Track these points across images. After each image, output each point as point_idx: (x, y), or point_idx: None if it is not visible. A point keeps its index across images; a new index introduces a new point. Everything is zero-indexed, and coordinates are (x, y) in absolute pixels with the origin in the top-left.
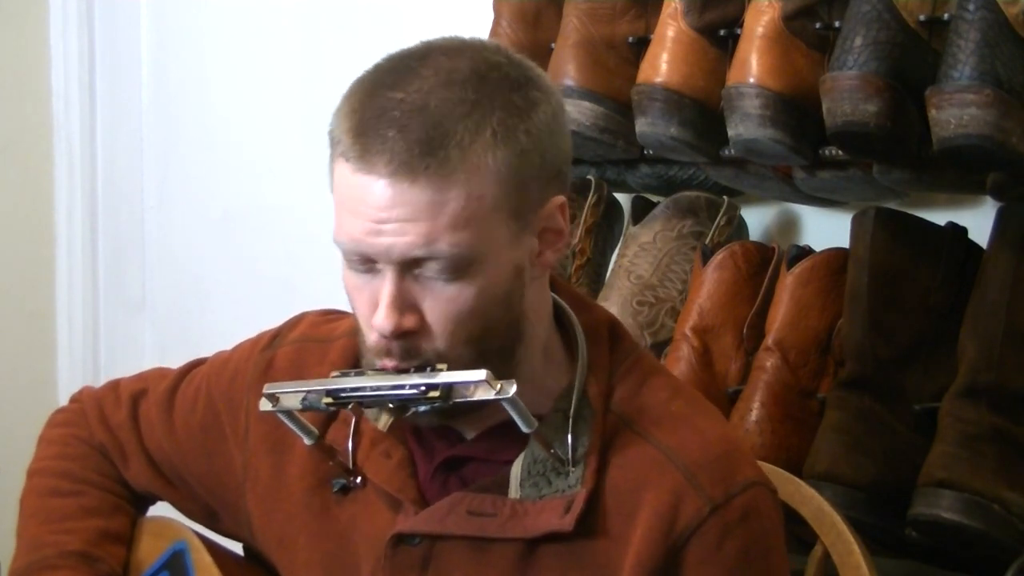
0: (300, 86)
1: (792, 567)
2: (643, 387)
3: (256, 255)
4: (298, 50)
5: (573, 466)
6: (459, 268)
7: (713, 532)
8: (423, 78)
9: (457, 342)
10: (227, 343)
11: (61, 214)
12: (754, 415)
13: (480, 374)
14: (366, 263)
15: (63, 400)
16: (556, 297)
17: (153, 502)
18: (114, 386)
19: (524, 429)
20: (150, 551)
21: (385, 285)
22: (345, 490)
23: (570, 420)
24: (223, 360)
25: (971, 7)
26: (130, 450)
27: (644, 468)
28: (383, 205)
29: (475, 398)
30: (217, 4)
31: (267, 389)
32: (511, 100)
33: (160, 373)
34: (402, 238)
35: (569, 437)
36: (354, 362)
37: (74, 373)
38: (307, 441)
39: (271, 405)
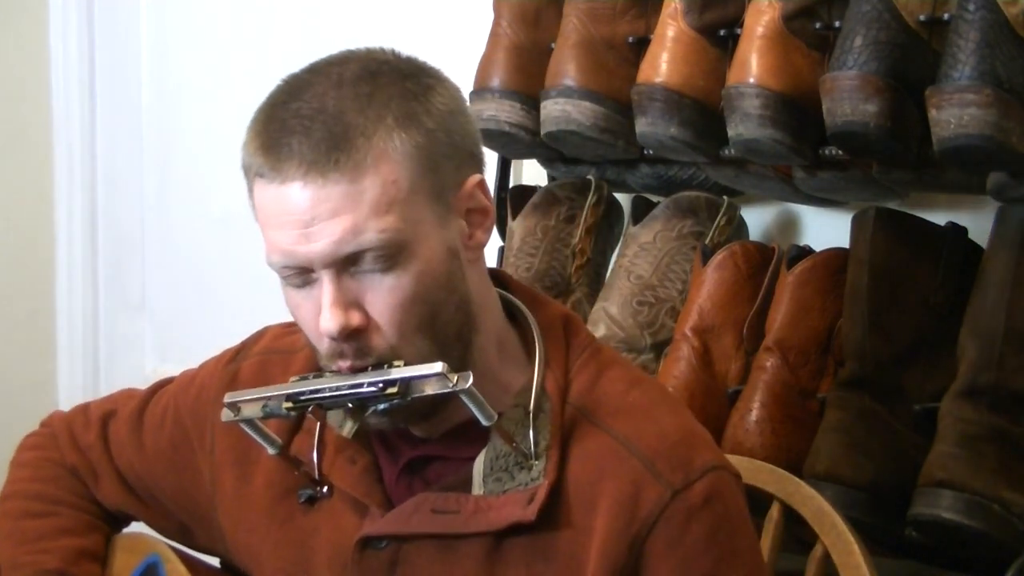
0: None
1: (792, 567)
2: (600, 379)
3: (256, 255)
4: (298, 49)
5: (536, 460)
6: (392, 255)
7: (677, 518)
8: (315, 85)
9: (407, 331)
10: (227, 343)
11: (61, 214)
12: (754, 415)
13: (436, 367)
14: (302, 275)
15: (63, 400)
16: (508, 295)
17: (127, 523)
18: (83, 409)
19: (484, 422)
20: (124, 567)
21: (324, 287)
22: (312, 500)
23: (531, 415)
24: (189, 377)
25: (971, 7)
26: (101, 470)
27: (603, 458)
28: (304, 208)
29: (433, 392)
30: (216, 4)
31: (228, 398)
32: (405, 87)
33: (128, 394)
34: (330, 236)
35: (531, 432)
36: (316, 371)
37: (74, 373)
38: (271, 451)
39: (233, 415)
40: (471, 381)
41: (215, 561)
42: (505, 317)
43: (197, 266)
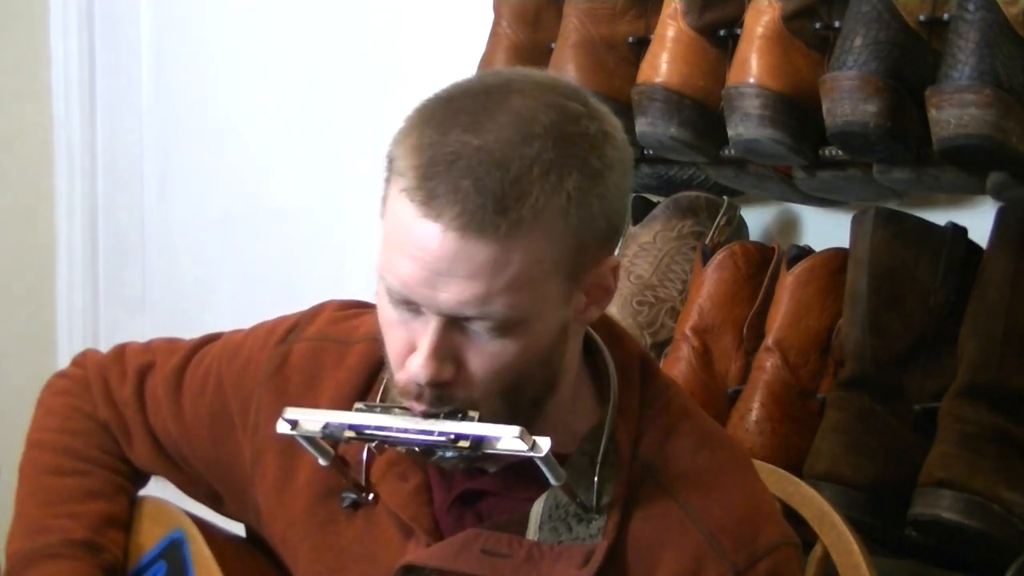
0: (300, 85)
1: None
2: (671, 434)
3: (256, 255)
4: (298, 49)
5: (597, 514)
6: (508, 327)
7: None
8: (501, 125)
9: (492, 394)
10: None
11: (61, 214)
12: (754, 415)
13: (514, 431)
14: (409, 303)
15: None
16: (587, 328)
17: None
18: (120, 354)
19: (553, 482)
20: (147, 536)
21: (428, 333)
22: (355, 505)
23: (597, 465)
24: (236, 343)
25: (971, 7)
26: (134, 429)
27: (666, 526)
28: (443, 256)
29: (506, 451)
30: (217, 4)
31: (287, 414)
32: (588, 162)
33: (169, 346)
34: (457, 296)
35: (595, 482)
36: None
37: None
38: (322, 461)
39: (290, 428)
40: (548, 448)
41: (240, 528)
42: (582, 357)
43: (197, 266)
